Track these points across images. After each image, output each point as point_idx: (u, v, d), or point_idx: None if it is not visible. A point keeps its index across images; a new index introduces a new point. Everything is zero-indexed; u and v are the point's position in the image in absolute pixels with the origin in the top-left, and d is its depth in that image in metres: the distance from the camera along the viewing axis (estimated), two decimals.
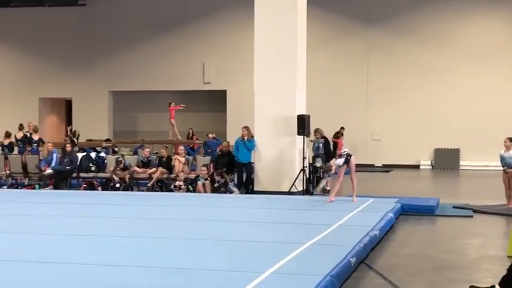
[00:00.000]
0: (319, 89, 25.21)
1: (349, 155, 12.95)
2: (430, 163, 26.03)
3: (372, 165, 25.90)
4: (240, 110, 25.68)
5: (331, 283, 6.50)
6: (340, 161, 12.93)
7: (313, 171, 16.17)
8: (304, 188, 15.39)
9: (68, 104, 29.82)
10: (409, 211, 12.52)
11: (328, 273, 6.63)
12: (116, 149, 20.44)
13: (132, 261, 7.31)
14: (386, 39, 26.37)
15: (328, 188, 16.24)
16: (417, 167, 25.90)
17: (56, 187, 16.33)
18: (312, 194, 15.50)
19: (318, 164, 16.04)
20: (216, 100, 27.80)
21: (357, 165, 24.32)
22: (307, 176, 15.63)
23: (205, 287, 6.22)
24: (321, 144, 16.36)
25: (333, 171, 13.26)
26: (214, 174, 15.47)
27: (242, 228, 9.88)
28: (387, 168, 25.31)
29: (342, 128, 24.00)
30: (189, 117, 26.90)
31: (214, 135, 21.19)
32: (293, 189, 15.19)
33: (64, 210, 12.03)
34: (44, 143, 18.79)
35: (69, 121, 29.85)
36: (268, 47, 15.65)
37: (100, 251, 7.97)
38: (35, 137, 19.45)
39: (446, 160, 25.75)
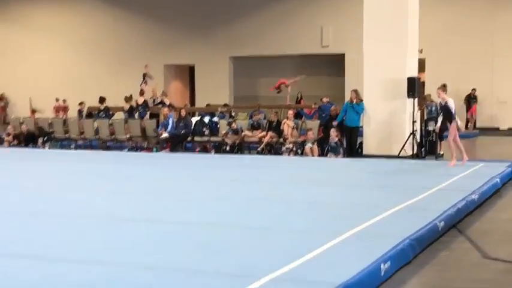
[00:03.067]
0: (439, 51, 24.41)
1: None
2: None
3: (497, 129, 24.86)
4: (358, 73, 25.22)
5: (410, 246, 6.44)
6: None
7: (426, 135, 15.83)
8: (414, 152, 15.11)
9: (191, 70, 30.69)
10: None
11: (408, 236, 6.58)
12: (232, 113, 20.87)
13: (219, 221, 7.57)
14: None
15: (442, 153, 15.90)
16: None
17: (172, 150, 17.02)
18: (423, 157, 15.22)
19: (431, 127, 15.69)
20: (334, 64, 27.59)
21: (481, 129, 23.68)
22: (418, 140, 15.32)
23: (279, 246, 6.35)
24: (433, 108, 15.92)
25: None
26: (332, 131, 15.30)
27: (338, 191, 9.92)
28: None
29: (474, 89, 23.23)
30: (306, 81, 26.93)
31: (328, 100, 21.07)
32: (403, 154, 14.96)
33: (174, 172, 12.58)
34: (174, 107, 19.49)
35: (192, 87, 30.80)
36: (377, 8, 15.41)
37: (193, 211, 8.31)
38: (167, 101, 20.28)
39: None
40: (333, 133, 15.23)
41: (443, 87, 13.21)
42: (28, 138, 18.39)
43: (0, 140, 18.69)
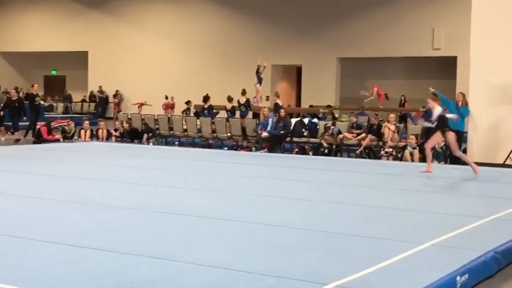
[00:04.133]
0: None
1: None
2: None
3: None
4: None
5: (493, 259, 6.10)
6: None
7: None
8: None
9: (299, 70, 30.65)
10: None
11: (493, 249, 6.23)
12: (335, 115, 20.69)
13: (297, 223, 7.47)
14: None
15: None
16: None
17: (270, 150, 17.05)
18: None
19: None
20: (445, 67, 26.73)
21: None
22: None
23: (353, 252, 6.18)
24: None
25: None
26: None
27: (427, 198, 9.56)
28: None
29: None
30: (416, 84, 26.29)
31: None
32: (509, 162, 14.28)
33: (266, 172, 12.58)
34: (282, 108, 19.53)
35: (299, 87, 30.76)
36: (486, 10, 14.83)
37: (275, 211, 8.24)
38: (280, 102, 20.41)
39: None
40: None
41: (434, 96, 12.30)
42: (133, 134, 18.97)
43: (110, 135, 19.38)
